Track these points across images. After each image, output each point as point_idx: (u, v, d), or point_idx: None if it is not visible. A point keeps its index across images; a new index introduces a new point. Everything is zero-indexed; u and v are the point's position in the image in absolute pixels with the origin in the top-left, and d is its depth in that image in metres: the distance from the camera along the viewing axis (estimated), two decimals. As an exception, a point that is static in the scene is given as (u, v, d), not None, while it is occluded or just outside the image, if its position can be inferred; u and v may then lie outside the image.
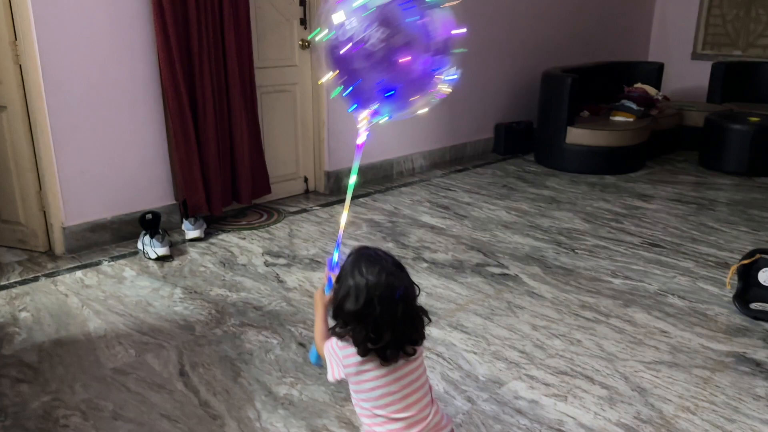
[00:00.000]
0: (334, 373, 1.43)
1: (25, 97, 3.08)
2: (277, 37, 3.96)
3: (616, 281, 3.01)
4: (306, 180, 4.40)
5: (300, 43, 4.07)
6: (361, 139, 1.70)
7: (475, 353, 2.36)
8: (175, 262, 3.19)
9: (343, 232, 1.72)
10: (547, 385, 2.17)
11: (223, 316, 2.64)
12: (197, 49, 3.39)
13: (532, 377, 2.21)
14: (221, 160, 3.65)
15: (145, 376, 2.20)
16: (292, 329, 2.53)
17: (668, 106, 5.69)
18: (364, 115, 1.68)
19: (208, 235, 3.54)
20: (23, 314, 2.66)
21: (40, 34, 2.98)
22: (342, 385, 2.13)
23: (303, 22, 4.04)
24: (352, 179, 1.74)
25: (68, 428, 1.93)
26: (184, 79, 3.37)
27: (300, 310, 2.70)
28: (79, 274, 3.06)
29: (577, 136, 4.90)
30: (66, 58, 3.08)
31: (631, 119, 5.11)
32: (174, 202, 3.63)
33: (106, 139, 3.30)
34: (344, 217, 1.77)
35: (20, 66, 3.03)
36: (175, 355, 2.34)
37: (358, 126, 1.69)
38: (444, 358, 2.33)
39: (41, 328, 2.55)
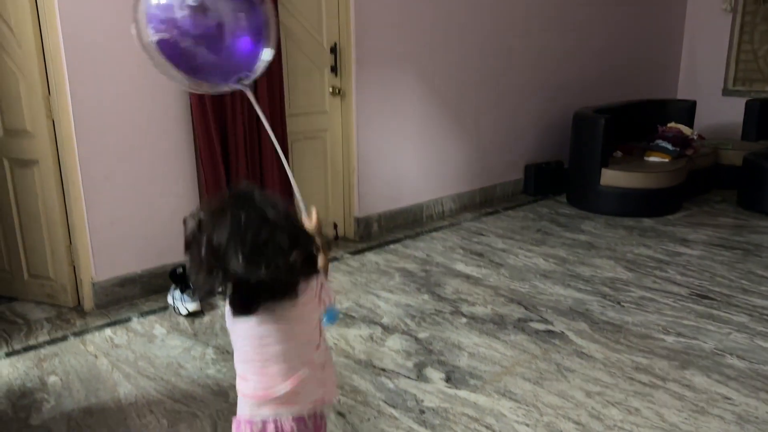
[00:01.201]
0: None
1: (57, 151, 3.05)
2: (308, 84, 3.92)
3: (669, 339, 2.85)
4: (335, 226, 4.31)
5: (330, 90, 4.02)
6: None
7: (527, 425, 2.22)
8: (206, 318, 3.09)
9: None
10: (609, 463, 2.01)
11: (258, 381, 2.52)
12: (229, 98, 3.34)
13: (591, 454, 2.06)
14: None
15: (179, 451, 2.09)
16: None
17: (703, 145, 5.54)
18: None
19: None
20: (52, 378, 2.57)
21: (74, 89, 2.95)
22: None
23: (334, 69, 4.00)
24: None
25: None
26: (216, 128, 3.32)
27: (338, 373, 2.57)
28: (108, 332, 2.97)
29: (611, 177, 4.77)
30: (98, 111, 3.05)
31: (667, 159, 4.98)
32: (204, 253, 3.55)
33: (137, 190, 3.24)
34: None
35: (53, 120, 3.00)
36: (209, 426, 2.22)
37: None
38: (495, 431, 2.18)
39: (70, 393, 2.45)
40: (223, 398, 2.40)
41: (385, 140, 4.35)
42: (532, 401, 2.36)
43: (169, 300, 3.22)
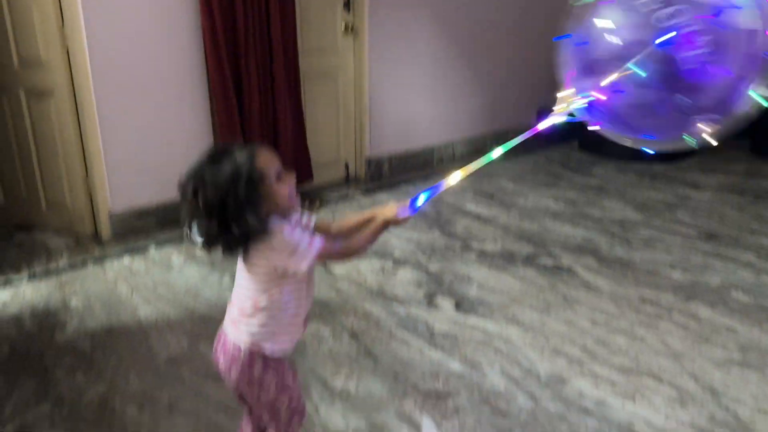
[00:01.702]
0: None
1: (72, 81, 3.06)
2: (320, 22, 3.88)
3: (676, 274, 2.89)
4: (347, 166, 4.34)
5: (343, 27, 3.98)
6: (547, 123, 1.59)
7: (534, 349, 2.28)
8: (221, 250, 3.16)
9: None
10: (613, 383, 2.08)
11: (273, 306, 2.59)
12: (243, 34, 3.33)
13: (596, 375, 2.13)
14: (265, 145, 3.59)
15: (199, 367, 2.17)
16: (343, 320, 2.48)
17: (718, 92, 5.47)
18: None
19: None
20: (74, 301, 2.65)
21: (88, 19, 2.94)
22: (400, 379, 2.08)
23: (347, 5, 3.95)
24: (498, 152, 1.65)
25: (125, 420, 1.91)
26: (229, 64, 3.32)
27: (349, 300, 2.64)
28: (126, 260, 3.05)
29: (624, 122, 4.73)
30: (112, 43, 3.05)
31: (681, 105, 4.92)
32: (217, 188, 3.60)
33: (151, 124, 3.27)
34: (457, 175, 1.56)
35: (68, 51, 3.01)
36: (227, 345, 2.30)
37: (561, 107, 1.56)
38: (502, 354, 2.25)
39: (92, 315, 2.54)
40: (240, 321, 2.48)
41: (397, 80, 4.33)
42: (539, 328, 2.43)
43: (185, 231, 3.27)
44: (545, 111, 1.38)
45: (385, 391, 2.04)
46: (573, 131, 5.31)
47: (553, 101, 5.39)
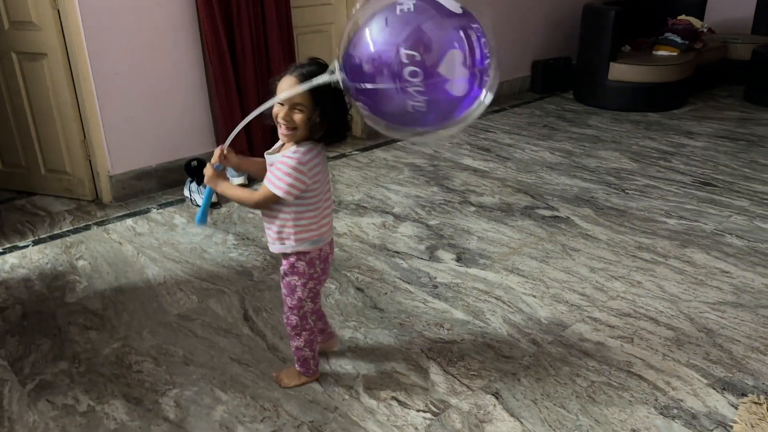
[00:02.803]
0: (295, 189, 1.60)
1: (65, 43, 3.03)
2: (312, -26, 3.82)
3: (671, 221, 2.95)
4: (343, 123, 4.32)
5: (335, -20, 3.92)
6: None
7: (534, 296, 2.35)
8: (223, 209, 3.19)
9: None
10: (611, 327, 2.16)
11: (279, 262, 2.63)
12: (234, -10, 3.28)
13: (595, 319, 2.20)
14: (262, 103, 3.58)
15: (210, 322, 2.23)
16: (348, 274, 2.54)
17: (712, 39, 5.45)
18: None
19: (251, 181, 3.52)
20: (81, 262, 2.69)
21: (77, -23, 2.90)
22: (406, 328, 2.14)
23: (338, -43, 3.89)
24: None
25: (142, 374, 1.97)
26: (222, 22, 3.28)
27: (353, 255, 2.69)
28: (129, 222, 3.08)
29: (619, 72, 4.73)
30: (106, 5, 3.00)
31: (675, 53, 4.92)
32: (216, 147, 3.60)
33: (147, 86, 3.25)
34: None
35: (58, 11, 2.96)
36: (237, 301, 2.36)
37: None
38: (504, 302, 2.32)
39: (100, 275, 2.58)
40: (248, 277, 2.53)
41: (391, 35, 4.28)
42: (538, 276, 2.49)
43: (186, 192, 3.30)
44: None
45: (392, 339, 2.11)
46: (568, 83, 5.31)
47: (548, 52, 5.25)
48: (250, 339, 2.13)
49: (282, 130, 1.60)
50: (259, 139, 3.60)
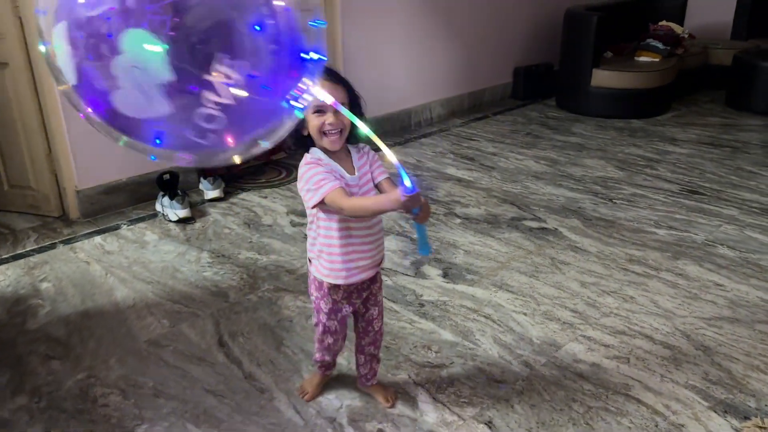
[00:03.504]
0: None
1: (28, 52, 2.87)
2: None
3: (661, 232, 2.88)
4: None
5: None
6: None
7: (525, 314, 2.25)
8: (198, 224, 3.05)
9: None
10: (606, 346, 2.06)
11: (256, 281, 2.51)
12: None
13: (589, 338, 2.10)
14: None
15: (183, 349, 2.09)
16: (330, 293, 2.41)
17: (693, 45, 5.44)
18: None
19: (227, 194, 3.39)
20: (44, 285, 2.53)
21: (40, -17, 2.74)
22: (392, 352, 2.02)
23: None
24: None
25: (108, 408, 1.83)
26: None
27: (335, 273, 2.57)
28: (98, 239, 2.92)
29: (602, 78, 4.68)
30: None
31: (657, 59, 4.88)
32: (190, 160, 3.46)
33: (115, 95, 3.10)
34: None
35: (20, 19, 2.81)
36: (211, 325, 2.22)
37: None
38: (493, 321, 2.21)
39: (65, 299, 2.43)
40: (223, 298, 2.39)
41: (371, 41, 4.18)
42: (528, 292, 2.39)
43: (158, 207, 3.15)
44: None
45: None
46: (551, 89, 5.26)
47: (530, 58, 5.12)
48: (225, 367, 1.99)
49: (332, 139, 1.45)
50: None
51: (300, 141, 1.49)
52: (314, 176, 1.45)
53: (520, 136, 4.40)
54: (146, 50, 0.96)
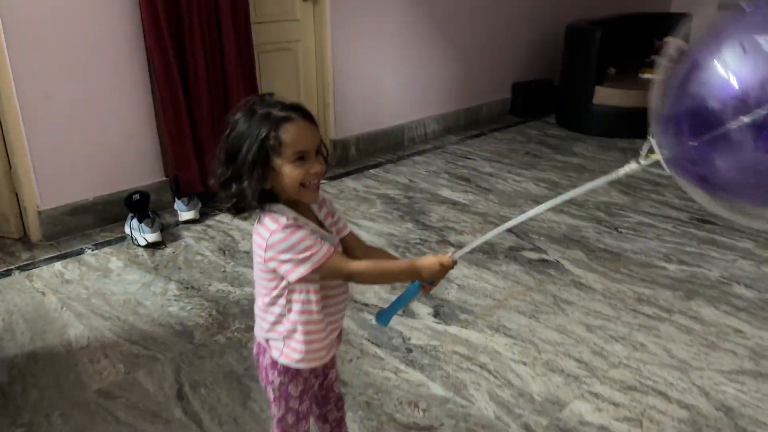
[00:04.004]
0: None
1: (-15, 60, 2.63)
2: (275, -13, 3.48)
3: (671, 267, 2.65)
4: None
5: (302, -6, 3.59)
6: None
7: (524, 364, 2.01)
8: (168, 250, 2.80)
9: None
10: (615, 405, 1.83)
11: (226, 319, 2.27)
12: (185, 2, 2.92)
13: (596, 395, 1.87)
14: (216, 129, 3.22)
15: (137, 401, 1.84)
16: (308, 334, 2.17)
17: (699, 62, 5.23)
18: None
19: (203, 215, 3.14)
20: (-8, 319, 2.28)
21: (-2, -14, 2.51)
22: (373, 409, 1.78)
23: (305, -31, 3.56)
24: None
25: (44, 474, 1.58)
26: (171, 38, 2.92)
27: (315, 309, 2.33)
28: (58, 265, 2.67)
29: (605, 96, 4.47)
30: (33, 20, 2.62)
31: (663, 77, 4.67)
32: (164, 178, 3.22)
33: (83, 109, 2.86)
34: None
35: None
36: (171, 372, 1.97)
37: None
38: (489, 371, 1.97)
39: (13, 336, 2.18)
40: (187, 339, 2.15)
41: (363, 53, 3.96)
42: (528, 337, 2.15)
43: (126, 230, 2.91)
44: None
45: (356, 425, 1.74)
46: (550, 106, 5.06)
47: (529, 73, 4.86)
48: (182, 426, 1.74)
49: (313, 191, 1.16)
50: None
51: (263, 197, 1.14)
52: (300, 242, 1.12)
53: (518, 155, 4.18)
54: None
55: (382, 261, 1.26)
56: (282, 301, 1.19)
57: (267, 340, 1.25)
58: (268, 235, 1.12)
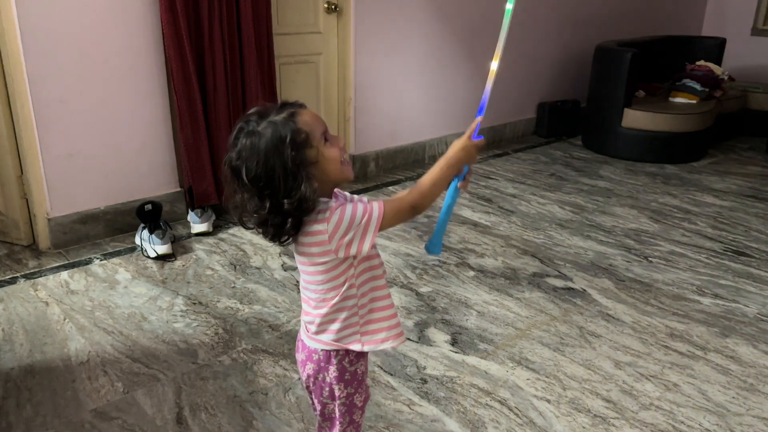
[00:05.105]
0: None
1: (2, 67, 2.59)
2: (299, -2, 3.42)
3: (706, 301, 2.49)
4: (329, 164, 3.88)
5: (325, 6, 3.52)
6: None
7: (548, 401, 1.87)
8: (178, 263, 2.71)
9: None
10: (647, 451, 1.68)
11: (233, 338, 2.16)
12: (207, 11, 2.86)
13: (626, 439, 1.72)
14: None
15: (133, 423, 1.74)
16: (317, 358, 2.05)
17: (732, 87, 5.08)
18: None
19: (217, 228, 3.06)
20: (-7, 328, 2.20)
21: (18, -12, 2.47)
22: (385, 449, 1.65)
23: (330, -19, 3.50)
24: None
25: (29, 501, 1.48)
26: (190, 47, 2.85)
27: (326, 332, 2.21)
28: (64, 275, 2.59)
29: (634, 119, 4.33)
30: (50, 18, 2.57)
31: (695, 101, 4.53)
32: (179, 189, 3.15)
33: (99, 116, 2.80)
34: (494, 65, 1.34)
35: (-6, 26, 2.53)
36: (172, 393, 1.87)
37: None
38: (510, 408, 1.84)
39: (12, 348, 2.09)
40: (191, 358, 2.04)
41: (385, 68, 3.88)
42: (552, 372, 2.01)
43: (137, 241, 2.83)
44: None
45: (364, 461, 1.62)
46: (576, 127, 4.93)
47: (555, 93, 4.70)
48: (179, 454, 1.63)
49: (348, 165, 1.17)
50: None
51: (309, 201, 1.08)
52: (354, 213, 1.09)
53: (543, 176, 4.05)
54: None
55: (423, 178, 1.21)
56: (353, 291, 1.18)
57: (336, 351, 1.22)
58: (326, 225, 1.09)
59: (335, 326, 1.19)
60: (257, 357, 2.05)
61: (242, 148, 1.07)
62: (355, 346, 1.21)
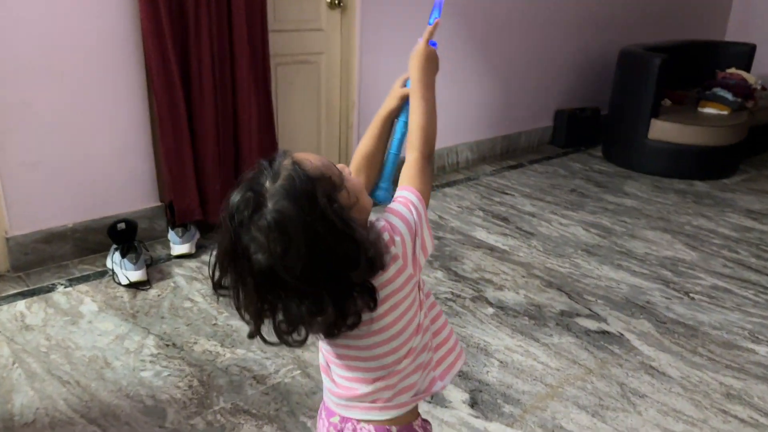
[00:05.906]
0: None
1: (-47, 59, 2.24)
2: (299, -9, 3.07)
3: (762, 350, 2.15)
4: (329, 175, 3.54)
5: (328, 1, 3.18)
6: None
7: (591, 488, 1.53)
8: (153, 292, 2.37)
9: None
10: None
11: (209, 393, 1.82)
12: (192, 3, 2.52)
13: None
14: (221, 151, 2.79)
15: None
16: (308, 423, 1.71)
17: (763, 97, 4.74)
18: None
19: (200, 249, 2.71)
20: (-74, 374, 1.86)
21: (-30, -28, 2.12)
22: None
23: (333, -27, 3.15)
24: None
25: None
26: (173, 45, 2.51)
27: (320, 386, 1.87)
28: (21, 305, 2.25)
29: (662, 131, 3.98)
30: (11, 7, 2.23)
31: (726, 112, 4.18)
32: (158, 203, 2.80)
33: (67, 120, 2.46)
34: None
35: (-57, 15, 2.18)
36: (130, 470, 1.53)
37: None
38: (545, 496, 1.50)
39: (-55, 401, 1.75)
40: (158, 420, 1.70)
41: (393, 70, 3.51)
42: (593, 445, 1.67)
43: (108, 263, 2.49)
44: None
45: None
46: (596, 137, 4.59)
47: (574, 101, 4.21)
48: None
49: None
50: (215, 196, 2.80)
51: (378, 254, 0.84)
52: (399, 213, 0.93)
53: (562, 192, 3.70)
54: None
55: (412, 119, 1.05)
56: (429, 315, 0.98)
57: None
58: (394, 249, 0.88)
59: (413, 378, 0.96)
60: (237, 421, 1.71)
61: (263, 243, 0.76)
62: (435, 387, 1.00)
